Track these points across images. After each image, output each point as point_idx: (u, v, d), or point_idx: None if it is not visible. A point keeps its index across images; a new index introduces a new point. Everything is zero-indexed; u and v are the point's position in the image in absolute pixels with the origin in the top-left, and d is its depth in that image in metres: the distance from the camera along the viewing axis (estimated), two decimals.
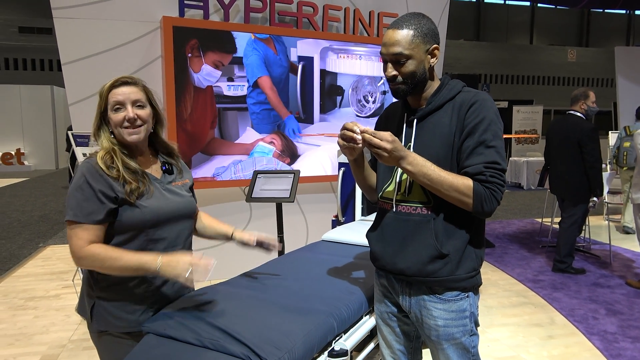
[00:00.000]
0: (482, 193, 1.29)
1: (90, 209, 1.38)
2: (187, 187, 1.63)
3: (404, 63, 1.34)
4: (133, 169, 1.45)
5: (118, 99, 1.44)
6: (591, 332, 3.24)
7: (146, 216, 1.44)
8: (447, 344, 1.42)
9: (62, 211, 7.88)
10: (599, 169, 4.14)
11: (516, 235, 6.15)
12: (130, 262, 1.38)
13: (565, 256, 4.46)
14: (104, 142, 1.46)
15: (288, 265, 1.96)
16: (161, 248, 1.49)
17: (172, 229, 1.52)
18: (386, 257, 1.44)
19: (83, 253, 1.38)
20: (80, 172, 1.42)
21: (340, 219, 3.19)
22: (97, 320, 1.49)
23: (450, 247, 1.36)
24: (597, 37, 26.93)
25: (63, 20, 3.58)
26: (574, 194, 4.28)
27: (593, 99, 4.33)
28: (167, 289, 1.53)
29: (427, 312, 1.43)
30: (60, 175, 13.35)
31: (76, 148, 3.38)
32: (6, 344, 3.06)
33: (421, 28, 1.34)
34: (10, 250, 5.43)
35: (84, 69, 3.65)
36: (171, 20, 3.65)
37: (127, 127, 1.45)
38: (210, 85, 3.85)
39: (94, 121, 1.49)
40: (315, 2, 4.27)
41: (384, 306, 1.56)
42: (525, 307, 3.72)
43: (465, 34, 23.82)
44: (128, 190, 1.42)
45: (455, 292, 1.40)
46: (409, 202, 1.40)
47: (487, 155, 1.30)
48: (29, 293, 3.98)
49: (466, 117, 1.33)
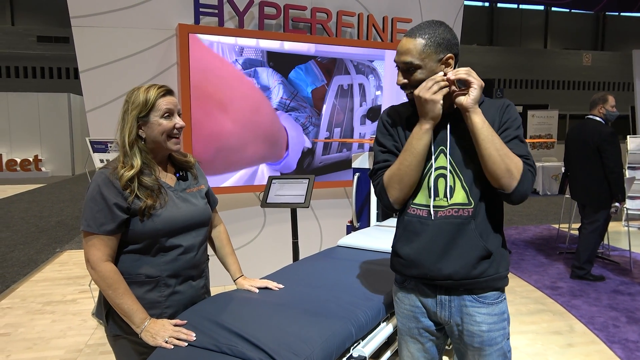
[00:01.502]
0: (528, 174, 1.32)
1: (102, 220, 1.41)
2: (202, 193, 1.64)
3: (413, 72, 1.35)
4: (148, 186, 1.46)
5: (169, 107, 1.47)
6: (612, 341, 3.17)
7: (158, 225, 1.46)
8: (490, 350, 1.40)
9: (78, 217, 7.99)
10: (620, 174, 4.07)
11: (533, 242, 6.06)
12: (123, 306, 1.41)
13: (584, 262, 4.37)
14: (138, 160, 1.45)
15: (304, 270, 1.95)
16: (176, 255, 1.50)
17: (186, 237, 1.54)
18: (428, 264, 1.38)
19: (98, 267, 1.41)
20: (95, 183, 1.44)
21: (355, 225, 3.17)
22: (113, 324, 1.51)
23: (493, 245, 1.38)
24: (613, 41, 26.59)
25: (81, 28, 3.64)
26: (595, 200, 4.21)
27: (612, 103, 4.27)
28: (180, 295, 1.54)
29: (470, 318, 1.40)
30: (76, 181, 13.55)
31: (93, 154, 3.42)
32: (25, 348, 3.09)
33: (435, 37, 1.33)
34: (28, 255, 5.51)
35: (102, 76, 3.70)
36: (187, 27, 3.69)
37: (176, 135, 1.49)
38: None
39: (128, 128, 1.46)
40: (329, 8, 4.28)
41: (413, 322, 1.49)
42: (544, 315, 3.66)
43: (478, 39, 23.70)
44: (143, 206, 1.43)
45: (496, 293, 1.41)
46: (450, 206, 1.37)
47: (523, 147, 1.37)
48: (46, 297, 4.03)
49: (504, 115, 1.39)
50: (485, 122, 1.31)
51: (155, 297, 1.49)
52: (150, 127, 1.47)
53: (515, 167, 1.30)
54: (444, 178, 1.38)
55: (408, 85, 1.37)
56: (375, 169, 1.47)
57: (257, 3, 4.02)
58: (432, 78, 1.32)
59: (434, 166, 1.39)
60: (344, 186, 4.48)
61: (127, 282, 1.45)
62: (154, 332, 1.39)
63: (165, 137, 1.48)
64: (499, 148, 1.29)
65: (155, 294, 1.49)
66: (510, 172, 1.29)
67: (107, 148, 3.50)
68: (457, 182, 1.37)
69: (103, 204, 1.41)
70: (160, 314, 1.50)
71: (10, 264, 5.11)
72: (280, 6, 4.09)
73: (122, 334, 1.50)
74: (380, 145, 1.48)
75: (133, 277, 1.47)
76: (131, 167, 1.44)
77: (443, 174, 1.38)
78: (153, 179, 1.48)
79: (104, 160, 3.42)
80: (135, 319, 1.41)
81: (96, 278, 1.42)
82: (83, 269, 4.85)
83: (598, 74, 23.52)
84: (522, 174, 1.30)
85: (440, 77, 1.32)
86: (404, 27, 4.58)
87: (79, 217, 8.01)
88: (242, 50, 3.92)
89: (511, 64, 22.59)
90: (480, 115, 1.31)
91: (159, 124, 1.47)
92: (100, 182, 1.43)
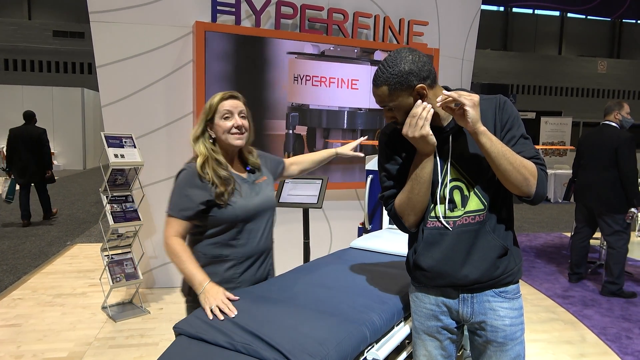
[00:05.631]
0: (542, 176, 1.36)
1: (182, 206, 1.65)
2: (267, 183, 1.87)
3: (394, 110, 1.38)
4: (221, 175, 1.68)
5: (228, 109, 1.71)
6: (625, 352, 3.12)
7: (237, 211, 1.68)
8: (512, 344, 1.43)
9: (89, 210, 8.06)
10: (634, 179, 4.00)
11: (543, 249, 6.00)
12: (186, 270, 1.62)
13: (617, 277, 4.16)
14: (201, 147, 1.71)
15: (317, 272, 1.94)
16: (249, 237, 1.73)
17: (258, 222, 1.76)
18: (454, 273, 1.41)
19: (168, 241, 1.64)
20: (182, 175, 1.70)
21: (367, 227, 3.15)
22: (194, 296, 1.65)
23: (508, 240, 1.43)
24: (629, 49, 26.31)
25: (99, 24, 3.66)
26: (607, 204, 4.10)
27: (627, 109, 4.22)
28: (251, 272, 1.77)
29: (494, 313, 1.43)
30: (87, 176, 13.66)
31: (108, 149, 3.44)
32: (35, 339, 3.11)
33: (394, 79, 1.31)
34: (39, 247, 5.56)
35: (118, 72, 3.73)
36: (203, 25, 3.70)
37: (235, 133, 1.71)
38: None
39: (197, 128, 1.74)
40: (345, 9, 4.28)
41: (433, 320, 1.50)
42: (555, 324, 3.61)
43: (492, 44, 23.57)
44: (218, 192, 1.65)
45: (515, 286, 1.46)
46: (465, 214, 1.40)
47: (529, 145, 1.39)
48: (57, 290, 4.06)
49: (502, 115, 1.40)
50: (492, 138, 1.30)
51: (231, 274, 1.72)
52: (215, 128, 1.72)
53: (531, 173, 1.33)
54: (459, 190, 1.41)
55: (397, 122, 1.40)
56: (385, 197, 1.51)
57: (274, 2, 4.02)
58: (412, 115, 1.32)
59: (448, 178, 1.41)
60: (355, 188, 4.46)
61: (210, 262, 1.69)
62: (209, 295, 1.52)
63: (227, 134, 1.70)
64: (512, 161, 1.30)
65: (232, 271, 1.72)
66: (528, 180, 1.32)
67: (121, 143, 3.51)
68: (471, 190, 1.40)
69: (184, 193, 1.66)
70: (234, 287, 1.68)
71: (22, 256, 5.16)
72: (297, 6, 4.09)
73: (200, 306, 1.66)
74: (385, 170, 1.51)
75: (216, 256, 1.71)
76: (196, 156, 1.70)
77: (457, 186, 1.41)
78: (226, 171, 1.71)
79: (118, 155, 3.44)
80: (195, 281, 1.58)
81: (167, 250, 1.64)
82: (93, 262, 4.89)
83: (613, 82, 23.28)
84: (538, 178, 1.34)
85: (419, 110, 1.31)
86: (420, 29, 4.56)
87: (89, 211, 8.07)
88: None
89: (525, 69, 22.44)
90: (486, 133, 1.30)
91: (220, 124, 1.71)
92: (185, 174, 1.69)
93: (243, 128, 1.73)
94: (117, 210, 3.52)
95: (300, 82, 4.12)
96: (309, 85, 4.15)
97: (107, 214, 3.47)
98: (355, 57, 4.25)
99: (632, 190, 3.98)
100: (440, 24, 4.75)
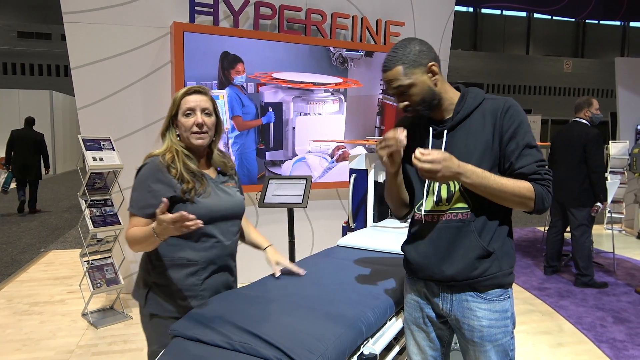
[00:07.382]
0: (542, 192, 1.35)
1: (144, 203, 1.54)
2: (235, 188, 1.75)
3: (408, 92, 1.39)
4: (192, 170, 1.59)
5: (190, 106, 1.59)
6: (600, 340, 3.25)
7: (201, 211, 1.53)
8: (489, 346, 1.43)
9: (62, 216, 7.85)
10: (601, 175, 4.18)
11: (518, 244, 6.17)
12: (141, 236, 1.47)
13: (585, 268, 4.34)
14: (168, 141, 1.62)
15: (308, 270, 1.95)
16: (214, 242, 1.61)
17: (224, 226, 1.65)
18: (432, 267, 1.45)
19: (127, 236, 1.54)
20: (144, 170, 1.58)
21: (351, 225, 3.18)
22: (150, 303, 1.62)
23: (494, 244, 1.42)
24: (592, 49, 27.24)
25: (74, 24, 3.58)
26: (576, 198, 4.27)
27: (596, 106, 4.39)
28: (214, 281, 1.65)
29: (471, 312, 1.44)
30: (58, 181, 13.28)
31: (86, 152, 3.36)
32: (13, 349, 3.02)
33: (407, 57, 1.37)
34: (11, 255, 5.39)
35: (94, 74, 3.65)
36: (182, 26, 3.66)
37: (196, 132, 1.59)
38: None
39: (164, 123, 1.64)
40: (323, 9, 4.30)
41: (419, 311, 1.56)
42: (533, 315, 3.72)
43: (462, 44, 24.02)
44: (185, 188, 1.55)
45: (498, 290, 1.43)
46: (450, 210, 1.43)
47: (534, 155, 1.37)
48: (33, 298, 3.95)
49: (504, 122, 1.39)
50: (474, 173, 1.31)
51: (193, 281, 1.60)
52: (178, 124, 1.61)
53: (527, 190, 1.34)
54: (447, 185, 1.44)
55: (409, 106, 1.42)
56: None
57: (253, 3, 4.01)
58: (386, 134, 1.37)
59: None
60: (337, 187, 4.49)
61: (169, 265, 1.59)
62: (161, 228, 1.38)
63: (189, 133, 1.59)
64: (503, 187, 1.33)
65: (193, 278, 1.60)
66: (524, 198, 1.35)
67: (99, 146, 3.45)
68: (457, 187, 1.43)
69: (146, 189, 1.55)
70: (195, 296, 1.59)
71: None
72: (276, 7, 4.09)
73: (159, 313, 1.61)
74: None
75: (175, 260, 1.59)
76: (156, 153, 1.60)
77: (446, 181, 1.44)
78: (196, 167, 1.61)
79: (97, 158, 3.37)
80: (147, 232, 1.44)
81: (130, 242, 1.53)
82: (70, 268, 4.77)
83: (579, 81, 24.04)
84: (535, 193, 1.34)
85: (391, 135, 1.35)
86: (396, 30, 4.63)
87: (62, 216, 7.86)
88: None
89: (495, 69, 22.95)
90: (467, 174, 1.31)
91: (181, 122, 1.60)
92: (147, 169, 1.57)
93: (205, 127, 1.59)
94: (96, 215, 3.45)
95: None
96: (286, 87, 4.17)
97: (86, 218, 3.40)
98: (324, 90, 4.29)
99: (599, 185, 4.15)
100: (416, 25, 4.82)
